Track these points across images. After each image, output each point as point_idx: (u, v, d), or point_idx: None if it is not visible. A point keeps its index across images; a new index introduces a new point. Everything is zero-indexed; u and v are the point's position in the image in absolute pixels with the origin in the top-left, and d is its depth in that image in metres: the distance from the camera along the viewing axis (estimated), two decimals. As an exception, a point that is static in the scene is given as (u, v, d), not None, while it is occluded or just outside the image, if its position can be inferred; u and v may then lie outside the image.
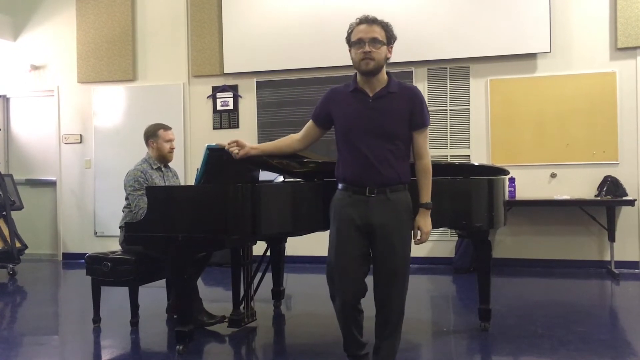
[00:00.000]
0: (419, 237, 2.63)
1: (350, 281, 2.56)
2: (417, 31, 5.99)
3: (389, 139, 2.52)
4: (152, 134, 4.05)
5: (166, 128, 4.09)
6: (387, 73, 2.59)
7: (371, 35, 2.46)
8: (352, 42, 2.52)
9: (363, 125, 2.51)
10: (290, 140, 2.83)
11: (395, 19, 5.73)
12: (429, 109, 5.96)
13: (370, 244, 2.58)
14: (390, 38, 2.54)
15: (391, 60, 2.62)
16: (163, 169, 4.09)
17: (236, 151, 2.84)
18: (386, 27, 2.53)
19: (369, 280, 2.64)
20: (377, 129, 2.51)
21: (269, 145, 2.90)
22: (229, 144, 2.89)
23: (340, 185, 2.63)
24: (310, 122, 2.76)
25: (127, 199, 3.92)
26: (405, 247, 2.58)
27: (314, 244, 4.56)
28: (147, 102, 6.90)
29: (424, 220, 2.61)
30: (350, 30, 2.55)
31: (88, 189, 7.13)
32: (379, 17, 2.54)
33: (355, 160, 2.53)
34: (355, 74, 2.59)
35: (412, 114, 2.55)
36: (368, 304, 2.67)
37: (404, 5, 6.07)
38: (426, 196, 2.61)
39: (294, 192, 3.23)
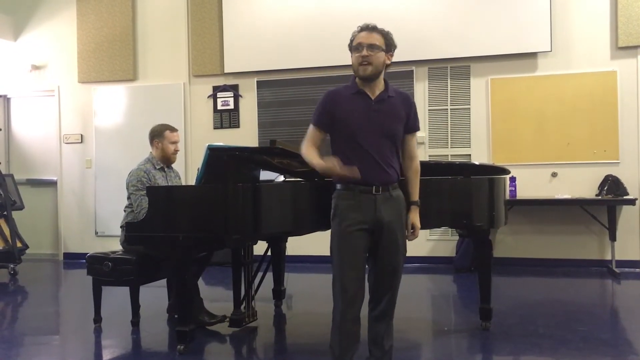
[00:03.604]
0: (412, 233, 2.75)
1: (358, 278, 2.59)
2: (418, 30, 5.99)
3: (391, 139, 2.65)
4: (158, 134, 4.03)
5: (172, 129, 4.07)
6: (384, 79, 2.70)
7: (370, 41, 2.58)
8: (353, 47, 2.64)
9: (369, 126, 2.61)
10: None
11: (396, 18, 5.84)
12: (430, 108, 6.11)
13: (375, 241, 2.63)
14: (390, 45, 2.65)
15: (392, 60, 2.68)
16: (166, 170, 4.08)
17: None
18: (386, 35, 2.65)
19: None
20: (381, 130, 2.62)
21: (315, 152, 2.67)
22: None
23: (339, 186, 2.65)
24: (313, 129, 2.69)
25: (129, 198, 3.91)
26: (404, 242, 2.72)
27: (314, 243, 4.55)
28: (147, 102, 6.91)
29: (417, 217, 2.76)
30: (352, 38, 2.67)
31: (89, 189, 7.13)
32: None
33: (360, 160, 2.59)
34: (354, 76, 2.69)
35: (408, 118, 2.71)
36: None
37: (405, 4, 6.06)
38: (417, 194, 2.78)
39: (294, 191, 3.24)
